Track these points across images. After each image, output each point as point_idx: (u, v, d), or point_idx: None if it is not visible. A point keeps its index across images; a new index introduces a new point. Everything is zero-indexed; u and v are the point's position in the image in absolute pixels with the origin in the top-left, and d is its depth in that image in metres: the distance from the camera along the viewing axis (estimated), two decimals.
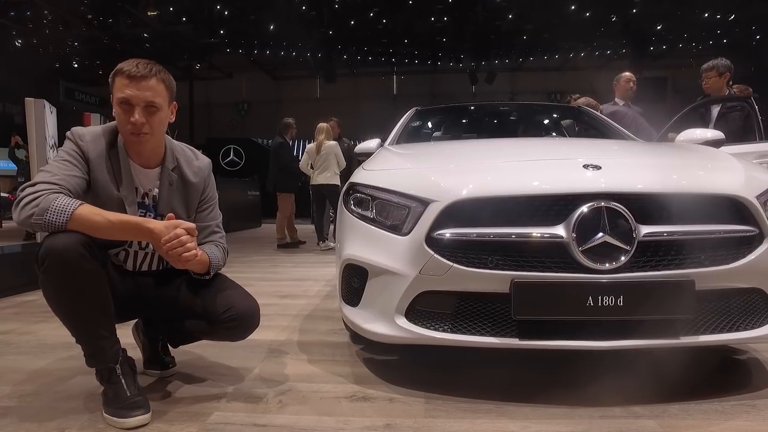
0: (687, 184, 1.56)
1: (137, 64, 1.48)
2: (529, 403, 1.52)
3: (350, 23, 13.65)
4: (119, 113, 1.50)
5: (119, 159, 1.55)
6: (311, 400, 1.58)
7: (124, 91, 1.47)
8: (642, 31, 13.91)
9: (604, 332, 1.47)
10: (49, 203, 1.34)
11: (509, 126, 3.35)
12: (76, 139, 1.51)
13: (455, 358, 1.90)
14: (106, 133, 1.55)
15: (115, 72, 1.49)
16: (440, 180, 1.60)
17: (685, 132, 2.53)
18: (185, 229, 1.43)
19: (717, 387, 1.60)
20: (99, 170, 1.50)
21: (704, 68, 3.87)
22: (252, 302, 1.62)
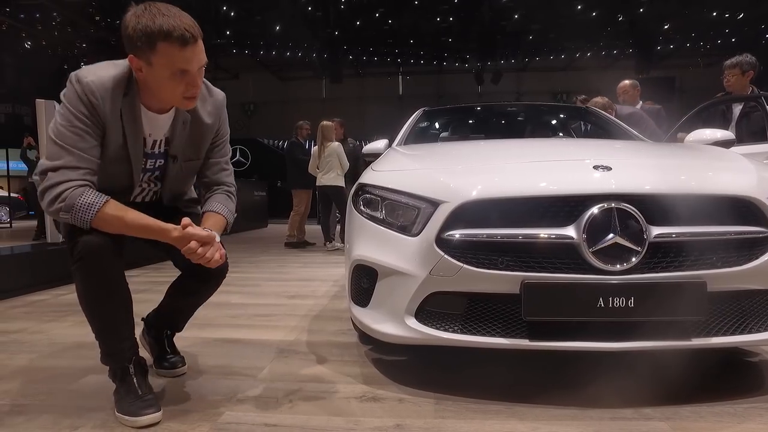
0: (698, 184, 1.55)
1: (183, 26, 1.31)
2: (540, 404, 1.52)
3: (356, 24, 13.67)
4: (169, 81, 1.36)
5: (131, 109, 1.43)
6: (321, 401, 1.59)
7: (182, 62, 1.33)
8: (649, 30, 13.83)
9: (615, 333, 1.47)
10: (74, 200, 1.33)
11: (517, 126, 3.34)
12: (88, 95, 1.35)
13: (465, 358, 1.90)
14: (117, 81, 1.39)
15: (154, 35, 1.29)
16: (450, 181, 1.60)
17: (694, 132, 2.52)
18: (199, 240, 1.40)
19: (729, 389, 1.59)
20: (111, 128, 1.40)
21: (728, 65, 3.66)
22: None
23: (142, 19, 1.30)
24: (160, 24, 1.29)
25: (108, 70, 1.41)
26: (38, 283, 3.57)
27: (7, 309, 3.02)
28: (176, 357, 1.86)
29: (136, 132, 1.46)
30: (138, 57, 1.34)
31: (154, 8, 1.32)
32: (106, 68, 1.42)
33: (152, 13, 1.31)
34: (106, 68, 1.42)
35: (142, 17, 1.30)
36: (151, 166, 1.57)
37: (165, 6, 1.34)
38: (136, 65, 1.36)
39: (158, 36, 1.30)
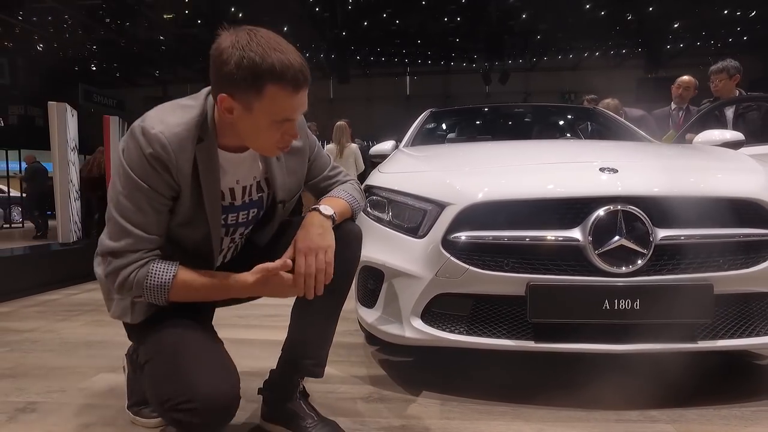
0: (705, 187, 1.55)
1: (298, 66, 1.06)
2: (545, 405, 1.53)
3: (363, 24, 13.71)
4: (267, 130, 1.11)
5: (208, 158, 1.16)
6: (328, 401, 1.60)
7: (289, 109, 1.09)
8: (658, 29, 13.74)
9: (621, 336, 1.47)
10: (142, 284, 1.13)
11: (524, 127, 3.34)
12: (157, 151, 1.09)
13: (471, 360, 1.91)
14: (190, 127, 1.13)
15: (264, 74, 1.04)
16: (456, 183, 1.61)
17: (703, 133, 2.51)
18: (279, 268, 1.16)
19: (736, 392, 1.59)
20: (185, 186, 1.14)
21: (714, 70, 3.76)
22: None
23: (249, 52, 1.03)
24: (272, 62, 1.03)
25: (178, 114, 1.14)
26: (50, 282, 3.62)
27: (20, 308, 3.07)
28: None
29: (215, 185, 1.18)
30: (233, 98, 1.07)
31: (261, 38, 1.05)
32: (175, 112, 1.15)
33: (261, 46, 1.04)
34: (175, 112, 1.15)
35: (247, 49, 1.03)
36: (243, 220, 1.30)
37: (273, 36, 1.07)
38: (226, 106, 1.08)
39: (269, 76, 1.04)
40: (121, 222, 1.13)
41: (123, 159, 1.13)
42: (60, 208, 3.97)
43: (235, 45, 1.05)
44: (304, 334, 1.37)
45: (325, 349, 1.39)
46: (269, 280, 1.18)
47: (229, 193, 1.24)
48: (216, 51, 1.07)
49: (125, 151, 1.13)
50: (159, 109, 1.18)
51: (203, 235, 1.22)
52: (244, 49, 1.04)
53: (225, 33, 1.08)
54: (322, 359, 1.38)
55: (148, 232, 1.14)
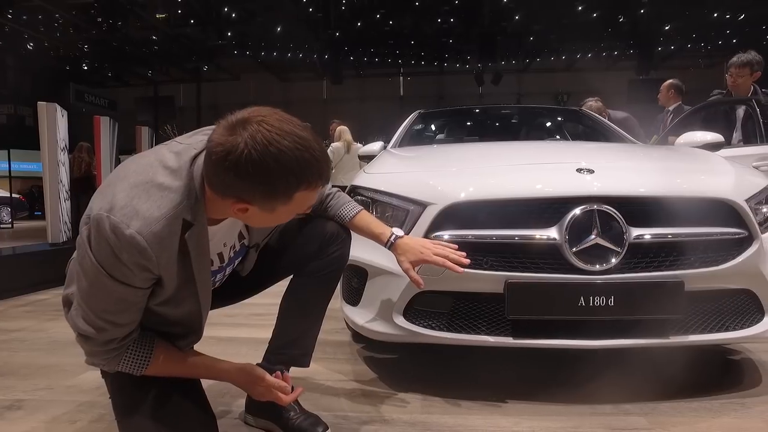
0: (677, 187, 1.59)
1: (322, 158, 0.96)
2: (523, 400, 1.57)
3: (357, 25, 13.74)
4: (286, 217, 1.04)
5: (199, 244, 1.03)
6: (311, 396, 1.64)
7: (313, 200, 1.04)
8: (649, 31, 13.86)
9: (596, 332, 1.51)
10: (114, 367, 1.08)
11: (511, 129, 3.39)
12: (136, 256, 0.93)
13: (453, 356, 1.95)
14: (174, 219, 0.96)
15: (293, 184, 0.93)
16: (438, 183, 1.65)
17: (685, 135, 2.56)
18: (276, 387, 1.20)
19: (708, 386, 1.64)
20: (169, 277, 1.01)
21: (737, 63, 3.34)
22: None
23: (270, 159, 0.89)
24: (300, 168, 0.92)
25: (156, 201, 0.95)
26: (39, 282, 3.63)
27: (9, 308, 3.08)
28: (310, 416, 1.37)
29: (205, 263, 1.07)
30: (252, 203, 0.96)
31: (278, 136, 0.90)
32: (151, 197, 0.95)
33: (282, 148, 0.89)
34: (151, 197, 0.95)
35: (268, 157, 0.89)
36: (229, 272, 1.29)
37: (287, 123, 0.93)
38: (240, 208, 0.97)
39: (300, 184, 0.94)
40: (92, 317, 1.00)
41: (90, 252, 0.95)
42: (50, 209, 3.97)
43: (253, 152, 0.88)
44: (293, 325, 1.42)
45: (312, 339, 1.44)
46: (257, 386, 1.20)
47: (218, 258, 1.19)
48: (226, 157, 0.89)
49: (93, 245, 0.95)
50: (127, 185, 0.96)
51: (189, 309, 1.10)
52: (266, 159, 0.88)
53: (224, 125, 0.92)
54: (309, 349, 1.44)
55: (124, 324, 1.03)
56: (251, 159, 0.89)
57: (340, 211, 1.43)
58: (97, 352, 1.05)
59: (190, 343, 1.19)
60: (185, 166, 0.99)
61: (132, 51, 14.86)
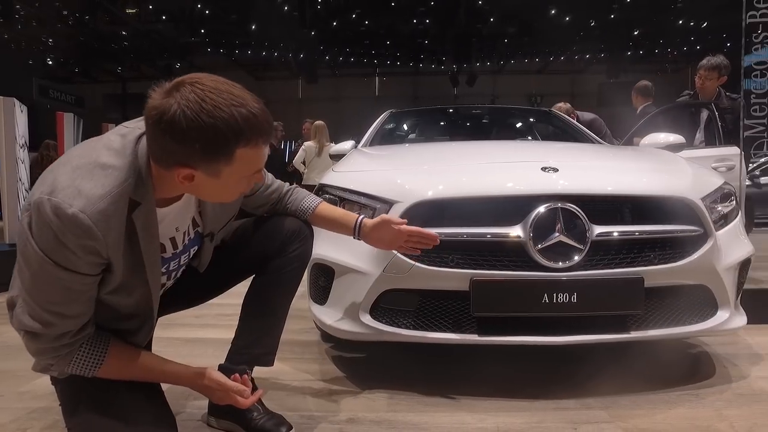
0: (638, 186, 1.63)
1: (261, 115, 0.95)
2: (488, 396, 1.58)
3: (332, 24, 13.68)
4: (235, 186, 1.01)
5: (148, 224, 1.00)
6: (276, 397, 1.62)
7: (259, 161, 0.99)
8: (619, 36, 14.22)
9: (560, 328, 1.53)
10: (63, 368, 1.04)
11: (482, 129, 3.42)
12: (81, 236, 0.89)
13: (421, 354, 1.95)
14: (120, 196, 0.93)
15: (230, 140, 0.91)
16: (405, 181, 1.65)
17: (649, 136, 2.63)
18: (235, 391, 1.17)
19: (666, 378, 1.68)
20: (117, 260, 0.97)
21: (707, 66, 3.39)
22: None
23: (207, 118, 0.88)
24: (238, 123, 0.90)
25: (99, 179, 0.92)
26: None
27: None
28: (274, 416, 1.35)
29: (154, 246, 1.04)
30: (195, 168, 0.94)
31: (212, 94, 0.89)
32: (95, 176, 0.92)
33: (218, 106, 0.89)
34: (95, 176, 0.92)
35: (204, 115, 0.88)
36: (185, 261, 1.24)
37: (222, 86, 0.92)
38: (185, 176, 0.95)
39: (239, 140, 0.92)
40: (38, 311, 0.96)
41: (32, 240, 0.90)
42: (7, 208, 3.82)
43: (186, 111, 0.88)
44: (256, 324, 1.40)
45: (276, 338, 1.42)
46: (214, 391, 1.17)
47: (171, 243, 1.14)
48: (160, 119, 0.88)
49: (34, 231, 0.90)
50: (70, 168, 0.92)
51: (141, 297, 1.07)
52: (200, 116, 0.88)
53: (160, 90, 0.91)
54: (273, 348, 1.41)
55: (74, 315, 0.98)
56: (185, 117, 0.88)
57: (301, 205, 1.41)
58: (45, 350, 1.00)
59: (147, 336, 1.16)
60: (130, 145, 0.98)
61: (100, 46, 14.46)
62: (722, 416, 1.43)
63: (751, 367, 1.81)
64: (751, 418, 1.42)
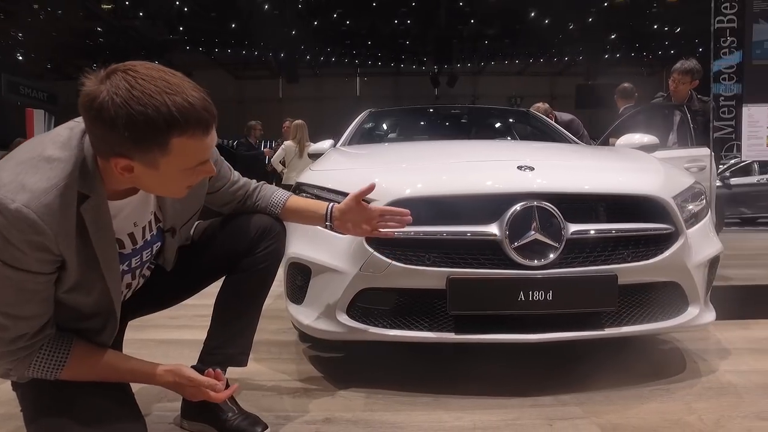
0: (612, 184, 1.66)
1: (199, 104, 0.90)
2: (465, 394, 1.58)
3: (313, 24, 13.62)
4: (178, 178, 0.97)
5: (97, 217, 0.97)
6: (252, 397, 1.59)
7: (202, 153, 0.95)
8: (597, 40, 14.48)
9: (536, 326, 1.54)
10: (23, 372, 1.01)
11: (461, 128, 3.44)
12: (27, 232, 0.87)
13: (398, 353, 1.95)
14: (66, 189, 0.91)
15: (162, 129, 0.87)
16: (382, 180, 1.63)
17: (624, 137, 2.67)
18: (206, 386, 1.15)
19: (639, 374, 1.71)
20: (70, 255, 0.95)
21: (680, 69, 3.50)
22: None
23: (136, 105, 0.84)
24: (170, 111, 0.86)
25: (44, 173, 0.90)
26: None
27: None
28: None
29: (109, 241, 1.01)
30: (131, 159, 0.90)
31: (144, 81, 0.86)
32: (39, 170, 0.90)
33: (147, 93, 0.85)
34: (39, 170, 0.90)
35: (133, 102, 0.85)
36: (147, 257, 1.21)
37: (156, 73, 0.88)
38: (123, 166, 0.91)
39: (172, 129, 0.88)
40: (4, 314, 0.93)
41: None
42: None
43: (115, 98, 0.84)
44: (228, 324, 1.37)
45: (249, 338, 1.40)
46: (186, 387, 1.14)
47: (129, 239, 1.11)
48: (90, 105, 0.86)
49: None
50: (13, 163, 0.91)
51: (101, 295, 1.04)
52: (129, 103, 0.84)
53: (92, 78, 0.88)
54: (246, 348, 1.39)
55: (29, 317, 0.95)
56: (113, 104, 0.85)
57: (271, 200, 1.39)
58: (2, 354, 0.98)
59: (112, 335, 1.13)
60: (76, 137, 0.95)
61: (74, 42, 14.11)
62: (691, 409, 1.47)
63: (719, 361, 1.86)
64: (718, 411, 1.46)
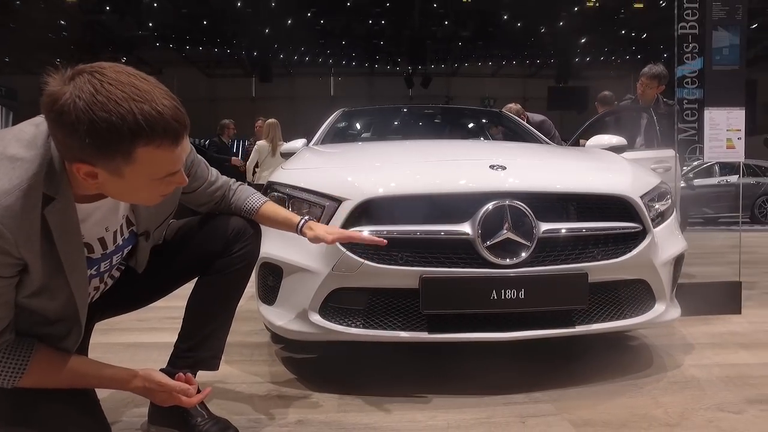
0: (582, 184, 1.68)
1: (169, 113, 0.85)
2: (439, 394, 1.58)
3: (287, 22, 13.48)
4: (146, 187, 0.92)
5: (64, 221, 0.93)
6: (224, 400, 1.56)
7: (171, 164, 0.90)
8: (567, 43, 14.79)
9: (508, 324, 1.56)
10: None
11: (434, 128, 3.45)
12: None
13: (372, 353, 1.94)
14: (30, 192, 0.87)
15: (126, 137, 0.83)
16: (354, 179, 1.63)
17: (594, 138, 2.73)
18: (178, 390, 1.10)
19: (608, 370, 1.74)
20: (34, 255, 0.90)
21: (648, 74, 3.58)
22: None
23: (99, 111, 0.80)
24: (136, 119, 0.82)
25: (6, 173, 0.86)
26: None
27: None
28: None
29: (76, 247, 0.97)
30: (94, 166, 0.86)
31: (110, 86, 0.81)
32: (2, 170, 0.87)
33: (113, 98, 0.81)
34: (2, 170, 0.87)
35: (97, 108, 0.80)
36: (117, 261, 1.16)
37: (124, 76, 0.84)
38: (86, 172, 0.87)
39: (137, 139, 0.83)
40: None
41: None
42: None
43: (78, 101, 0.80)
44: (200, 326, 1.33)
45: (221, 341, 1.37)
46: (156, 392, 1.09)
47: (99, 244, 1.06)
48: (51, 107, 0.81)
49: None
50: None
51: (66, 300, 0.99)
52: (92, 108, 0.79)
53: (56, 78, 0.83)
54: (218, 351, 1.36)
55: None
56: (75, 107, 0.80)
57: (245, 204, 1.36)
58: None
59: (76, 341, 1.08)
60: (42, 136, 0.90)
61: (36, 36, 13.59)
62: (658, 403, 1.50)
63: (683, 356, 1.91)
64: (682, 404, 1.50)
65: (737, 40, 2.71)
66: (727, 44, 2.72)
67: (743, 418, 1.42)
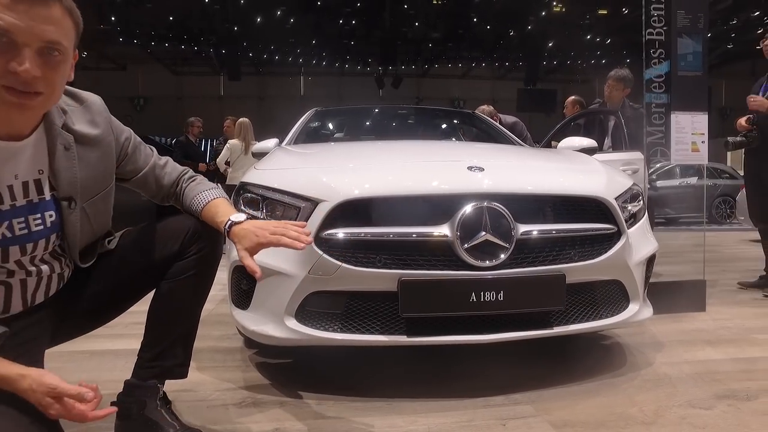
0: (560, 186, 1.70)
1: None
2: (419, 397, 1.56)
3: (256, 20, 13.27)
4: None
5: None
6: (197, 410, 1.50)
7: (2, 17, 0.84)
8: (536, 47, 15.08)
9: (487, 326, 1.55)
10: None
11: (407, 129, 3.44)
12: None
13: (350, 357, 1.90)
14: None
15: None
16: (331, 180, 1.60)
17: (565, 140, 2.77)
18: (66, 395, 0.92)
19: (585, 370, 1.76)
20: None
21: (615, 77, 3.68)
22: None
23: None
24: None
25: None
26: None
27: None
28: None
29: None
30: None
31: None
32: None
33: None
34: None
35: None
36: (39, 228, 1.03)
37: None
38: None
39: None
40: None
41: None
42: None
43: None
44: (164, 334, 1.27)
45: (188, 348, 1.31)
46: (44, 397, 0.90)
47: (8, 193, 0.97)
48: None
49: None
50: None
51: None
52: None
53: None
54: (186, 358, 1.30)
55: None
56: None
57: (191, 204, 1.26)
58: None
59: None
60: None
61: None
62: (633, 402, 1.52)
63: (655, 354, 1.95)
64: (656, 402, 1.53)
65: (700, 48, 2.81)
66: (690, 51, 2.82)
67: (713, 413, 1.45)
